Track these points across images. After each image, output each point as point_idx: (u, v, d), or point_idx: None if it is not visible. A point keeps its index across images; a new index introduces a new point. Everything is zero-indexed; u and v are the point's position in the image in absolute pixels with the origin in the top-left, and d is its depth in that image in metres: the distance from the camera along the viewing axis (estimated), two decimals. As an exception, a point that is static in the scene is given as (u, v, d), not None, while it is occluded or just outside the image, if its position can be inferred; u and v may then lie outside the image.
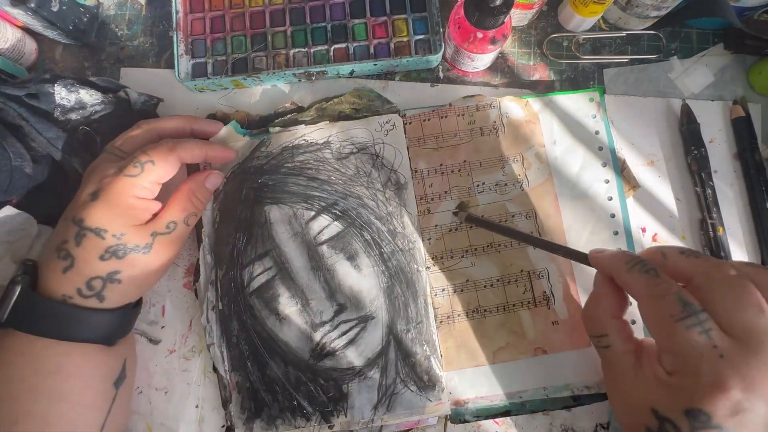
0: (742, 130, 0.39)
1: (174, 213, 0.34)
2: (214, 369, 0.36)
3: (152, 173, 0.32)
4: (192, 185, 0.35)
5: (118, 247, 0.31)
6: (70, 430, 0.29)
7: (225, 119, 0.40)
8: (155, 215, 0.33)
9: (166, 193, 0.34)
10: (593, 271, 0.38)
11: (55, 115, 0.36)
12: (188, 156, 0.34)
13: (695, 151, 0.39)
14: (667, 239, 0.39)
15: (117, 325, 0.32)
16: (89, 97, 0.37)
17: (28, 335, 0.29)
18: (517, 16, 0.40)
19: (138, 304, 0.35)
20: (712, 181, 0.39)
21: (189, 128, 0.37)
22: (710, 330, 0.24)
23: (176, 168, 0.34)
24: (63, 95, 0.36)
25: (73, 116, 0.37)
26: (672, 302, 0.25)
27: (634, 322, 0.36)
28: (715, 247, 0.38)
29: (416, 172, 0.39)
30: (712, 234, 0.38)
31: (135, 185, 0.31)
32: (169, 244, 0.33)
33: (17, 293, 0.30)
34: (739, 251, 0.38)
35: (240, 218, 0.38)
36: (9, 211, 0.36)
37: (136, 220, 0.32)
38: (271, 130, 0.39)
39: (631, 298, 0.30)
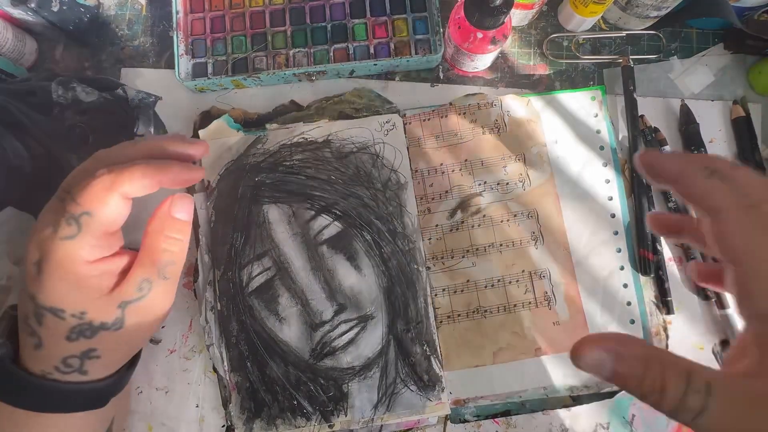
0: (742, 130, 0.39)
1: (143, 269, 0.27)
2: (214, 369, 0.36)
3: (93, 227, 0.25)
4: (156, 225, 0.28)
5: (83, 327, 0.26)
6: None
7: (218, 117, 0.40)
8: (125, 272, 0.27)
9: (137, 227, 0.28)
10: (593, 272, 0.38)
11: (54, 113, 0.36)
12: (136, 190, 0.26)
13: (695, 152, 0.39)
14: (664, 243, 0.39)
15: (108, 390, 0.29)
16: (86, 94, 0.37)
17: (9, 406, 0.26)
18: (517, 16, 0.40)
19: (134, 362, 0.32)
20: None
21: (156, 181, 0.27)
22: None
23: (125, 209, 0.26)
24: (60, 93, 0.36)
25: (70, 114, 0.37)
26: None
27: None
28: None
29: (416, 171, 0.39)
30: None
31: (77, 248, 0.25)
32: (146, 309, 0.27)
33: None
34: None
35: (237, 217, 0.38)
36: (10, 212, 0.36)
37: (96, 292, 0.26)
38: (268, 126, 0.39)
39: None
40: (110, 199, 0.25)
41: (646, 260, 0.37)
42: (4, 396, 0.26)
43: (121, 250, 0.28)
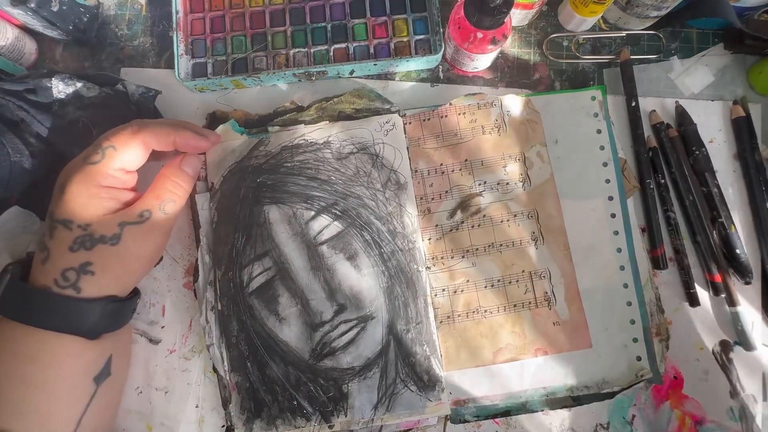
0: (742, 130, 0.39)
1: (147, 201, 0.32)
2: (214, 369, 0.36)
3: (115, 159, 0.31)
4: (167, 170, 0.34)
5: (85, 238, 0.30)
6: (43, 421, 0.29)
7: (223, 118, 0.40)
8: (129, 205, 0.32)
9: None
10: (593, 272, 0.38)
11: (54, 109, 0.36)
12: (154, 141, 0.32)
13: (696, 152, 0.39)
14: (668, 240, 0.39)
15: (98, 318, 0.31)
16: (86, 90, 0.37)
17: (13, 322, 0.30)
18: (517, 16, 0.40)
19: (129, 298, 0.34)
20: (717, 180, 0.39)
21: (172, 139, 0.33)
22: None
23: (143, 154, 0.32)
24: (60, 89, 0.36)
25: (71, 109, 0.36)
26: None
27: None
28: (727, 246, 0.38)
29: (416, 171, 0.39)
30: (723, 232, 0.38)
31: (97, 173, 0.30)
32: (143, 234, 0.32)
33: (6, 281, 0.31)
34: (739, 251, 0.38)
35: (239, 218, 0.38)
36: (12, 210, 0.36)
37: (103, 210, 0.31)
38: (270, 129, 0.39)
39: None
40: (133, 142, 0.31)
41: (661, 256, 0.38)
42: (8, 313, 0.30)
43: (132, 189, 0.33)
